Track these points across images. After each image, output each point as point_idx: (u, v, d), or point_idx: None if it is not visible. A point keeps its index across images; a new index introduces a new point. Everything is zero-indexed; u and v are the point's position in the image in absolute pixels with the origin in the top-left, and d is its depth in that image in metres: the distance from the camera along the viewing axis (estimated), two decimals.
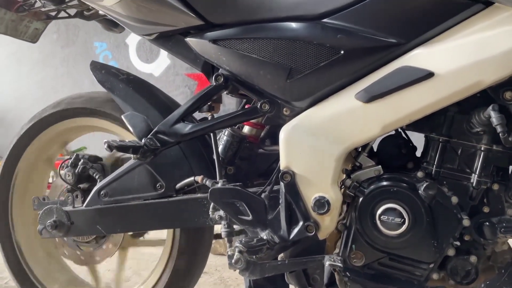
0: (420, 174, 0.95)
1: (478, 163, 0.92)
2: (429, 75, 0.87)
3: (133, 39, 5.09)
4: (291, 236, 0.97)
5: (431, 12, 0.90)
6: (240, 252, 0.91)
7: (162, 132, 1.04)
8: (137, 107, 1.17)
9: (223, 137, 1.14)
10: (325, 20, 0.95)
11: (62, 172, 1.23)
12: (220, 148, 1.12)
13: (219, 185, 1.03)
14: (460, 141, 0.94)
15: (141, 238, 1.45)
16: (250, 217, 0.99)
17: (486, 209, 0.93)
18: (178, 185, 1.12)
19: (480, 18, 0.87)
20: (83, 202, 1.21)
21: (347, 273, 0.97)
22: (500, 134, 0.84)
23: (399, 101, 0.90)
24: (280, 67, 0.98)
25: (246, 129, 1.18)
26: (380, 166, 0.97)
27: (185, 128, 1.04)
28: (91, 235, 1.24)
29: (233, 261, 0.91)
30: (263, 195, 1.02)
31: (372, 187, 0.95)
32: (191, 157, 1.13)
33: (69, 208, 1.20)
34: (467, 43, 0.86)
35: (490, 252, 0.96)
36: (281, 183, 0.98)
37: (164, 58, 5.04)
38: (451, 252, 0.93)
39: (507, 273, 0.91)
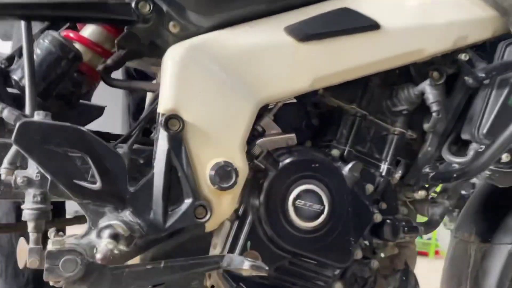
0: (335, 152, 0.74)
1: (390, 149, 0.78)
2: (375, 26, 0.70)
3: None
4: (169, 223, 0.57)
5: None
6: (114, 237, 0.45)
7: None
8: None
9: (41, 44, 0.63)
10: None
11: None
12: (35, 60, 0.61)
13: (39, 117, 0.53)
14: (376, 120, 0.78)
15: None
16: (98, 185, 0.53)
17: (383, 205, 0.79)
18: None
19: None
20: None
21: (241, 284, 0.63)
22: (434, 114, 0.73)
23: (339, 49, 0.69)
24: None
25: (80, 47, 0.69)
26: (294, 135, 0.70)
27: None
28: None
29: (98, 255, 0.45)
30: (121, 152, 0.58)
31: (288, 159, 0.67)
32: None
33: None
34: (416, 5, 0.73)
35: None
36: (163, 135, 0.58)
37: None
38: (358, 254, 0.73)
39: (403, 274, 0.78)
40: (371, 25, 0.69)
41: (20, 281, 1.03)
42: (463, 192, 0.97)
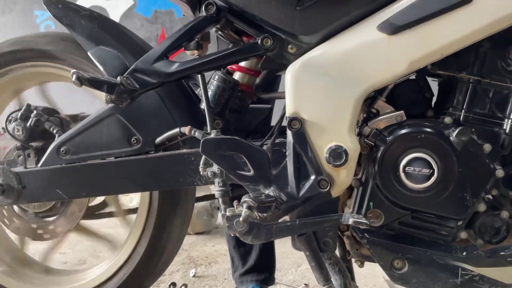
0: (447, 119, 0.83)
1: None
2: (466, 0, 0.75)
3: None
4: (301, 193, 0.82)
5: None
6: (249, 208, 0.75)
7: (142, 71, 0.85)
8: (105, 46, 0.96)
9: (212, 82, 0.96)
10: None
11: (10, 126, 1.00)
12: (209, 94, 0.94)
13: (212, 135, 0.85)
14: (493, 82, 0.82)
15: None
16: (251, 173, 0.83)
17: None
18: (159, 139, 0.94)
19: None
20: (37, 162, 0.99)
21: (366, 234, 0.83)
22: None
23: (430, 31, 0.77)
24: None
25: (237, 75, 1.00)
26: (402, 111, 0.84)
27: (170, 66, 0.85)
28: (48, 200, 1.02)
29: (241, 219, 0.75)
30: (265, 148, 0.86)
31: (395, 134, 0.82)
32: (172, 106, 0.95)
33: (20, 169, 0.97)
34: None
35: None
36: (289, 132, 0.82)
37: None
38: (482, 207, 0.82)
39: None
40: (462, 1, 0.75)
41: None
42: None
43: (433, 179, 0.80)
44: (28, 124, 1.00)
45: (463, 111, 0.83)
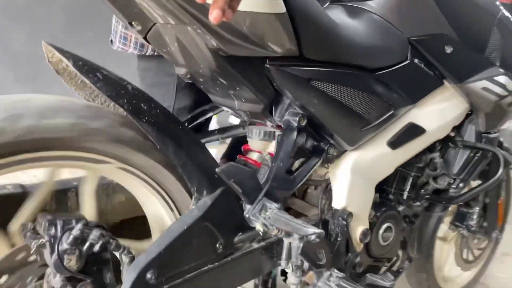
0: (392, 197, 1.31)
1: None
2: (423, 130, 1.23)
3: None
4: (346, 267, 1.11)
5: (427, 83, 1.23)
6: None
7: (276, 187, 0.86)
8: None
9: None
10: (386, 74, 1.09)
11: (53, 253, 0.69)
12: None
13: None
14: (408, 171, 1.36)
15: None
16: (324, 260, 1.04)
17: None
18: (237, 239, 0.94)
19: (439, 92, 1.29)
20: None
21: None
22: (438, 170, 1.34)
23: (408, 148, 1.21)
24: (361, 116, 1.04)
25: (255, 156, 1.08)
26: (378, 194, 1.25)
27: (295, 176, 0.91)
28: None
29: None
30: None
31: (382, 213, 1.23)
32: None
33: None
34: (436, 111, 1.27)
35: None
36: (341, 223, 1.08)
37: None
38: None
39: None
40: (422, 131, 1.22)
41: None
42: None
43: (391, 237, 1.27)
44: (84, 249, 0.73)
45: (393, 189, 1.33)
